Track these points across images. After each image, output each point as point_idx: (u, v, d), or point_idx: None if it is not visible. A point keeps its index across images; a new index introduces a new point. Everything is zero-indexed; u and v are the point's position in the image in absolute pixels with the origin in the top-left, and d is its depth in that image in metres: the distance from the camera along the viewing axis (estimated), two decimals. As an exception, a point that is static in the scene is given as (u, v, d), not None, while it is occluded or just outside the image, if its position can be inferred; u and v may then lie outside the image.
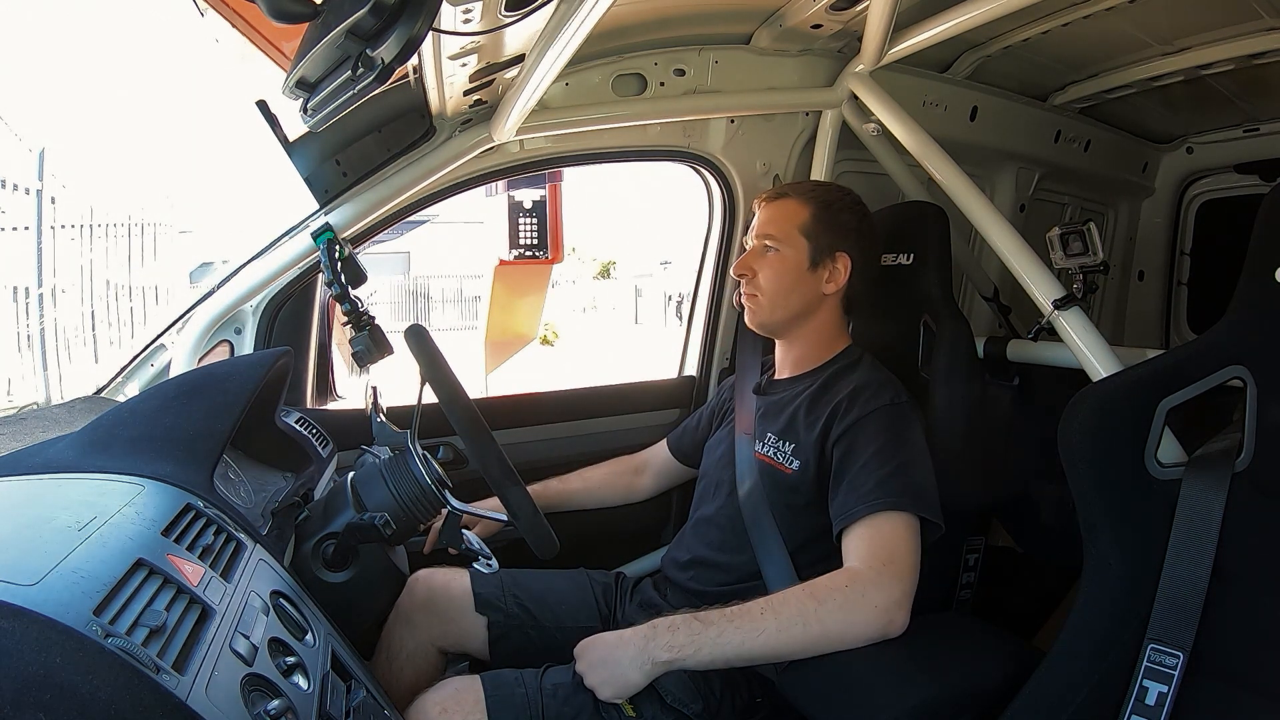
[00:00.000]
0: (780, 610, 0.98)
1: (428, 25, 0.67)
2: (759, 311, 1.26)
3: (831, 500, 1.10)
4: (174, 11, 1.01)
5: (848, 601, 0.97)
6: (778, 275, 1.23)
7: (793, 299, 1.23)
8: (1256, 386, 0.86)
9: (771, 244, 1.24)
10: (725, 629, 0.98)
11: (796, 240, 1.23)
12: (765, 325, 1.27)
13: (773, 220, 1.26)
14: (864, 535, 1.04)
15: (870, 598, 0.97)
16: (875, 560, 1.01)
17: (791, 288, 1.23)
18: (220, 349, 1.39)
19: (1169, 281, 2.37)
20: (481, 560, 1.07)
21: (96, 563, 0.57)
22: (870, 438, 1.10)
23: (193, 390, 0.92)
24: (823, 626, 0.97)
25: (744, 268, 1.26)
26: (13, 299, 4.19)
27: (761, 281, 1.24)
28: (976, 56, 1.69)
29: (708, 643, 0.98)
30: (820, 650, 0.98)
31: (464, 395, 1.02)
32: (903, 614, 0.98)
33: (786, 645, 0.98)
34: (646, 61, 1.47)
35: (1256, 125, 1.97)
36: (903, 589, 0.99)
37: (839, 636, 0.97)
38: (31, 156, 4.34)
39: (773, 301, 1.24)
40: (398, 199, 1.37)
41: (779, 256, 1.24)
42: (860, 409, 1.12)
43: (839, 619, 0.97)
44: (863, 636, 0.97)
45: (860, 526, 1.04)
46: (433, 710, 1.01)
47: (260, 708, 0.56)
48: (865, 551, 1.02)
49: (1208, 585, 0.84)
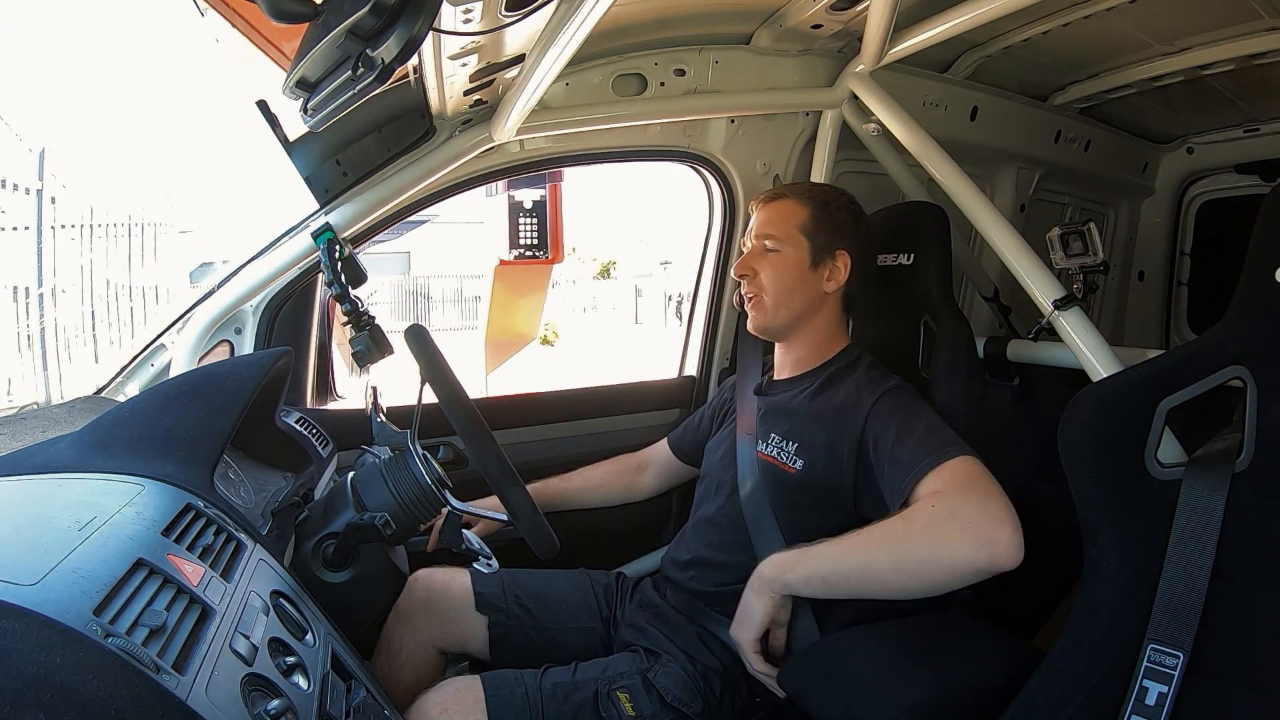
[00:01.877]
0: (872, 532, 0.98)
1: (428, 25, 0.67)
2: (763, 313, 1.25)
3: (883, 487, 1.07)
4: (174, 11, 1.01)
5: (935, 521, 0.93)
6: (780, 275, 1.23)
7: (795, 298, 1.24)
8: (1256, 387, 0.86)
9: (772, 244, 1.24)
10: (824, 548, 1.01)
11: (797, 239, 1.23)
12: (769, 328, 1.27)
13: (772, 220, 1.26)
14: (929, 484, 0.99)
15: (961, 514, 0.92)
16: (955, 485, 0.96)
17: (794, 287, 1.23)
18: (220, 349, 1.39)
19: (1169, 281, 2.37)
20: (481, 560, 1.07)
21: (96, 563, 0.57)
22: (886, 421, 1.09)
23: (193, 390, 0.92)
24: (914, 545, 0.94)
25: (745, 268, 1.26)
26: (13, 299, 4.19)
27: (764, 281, 1.24)
28: (977, 56, 1.69)
29: (807, 558, 1.01)
30: (924, 577, 0.94)
31: (464, 395, 1.02)
32: (1007, 531, 0.90)
33: (880, 564, 0.96)
34: (646, 61, 1.48)
35: (1256, 125, 1.97)
36: (997, 507, 0.92)
37: (933, 557, 0.92)
38: (31, 156, 4.34)
39: (776, 301, 1.24)
40: (398, 199, 1.37)
41: (780, 256, 1.24)
42: (867, 403, 1.12)
43: (930, 538, 0.93)
44: (966, 559, 0.91)
45: (920, 487, 1.00)
46: (433, 710, 1.01)
47: (260, 708, 0.56)
48: (939, 483, 0.97)
49: (1208, 585, 0.84)
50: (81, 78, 13.93)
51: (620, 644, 1.25)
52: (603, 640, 1.28)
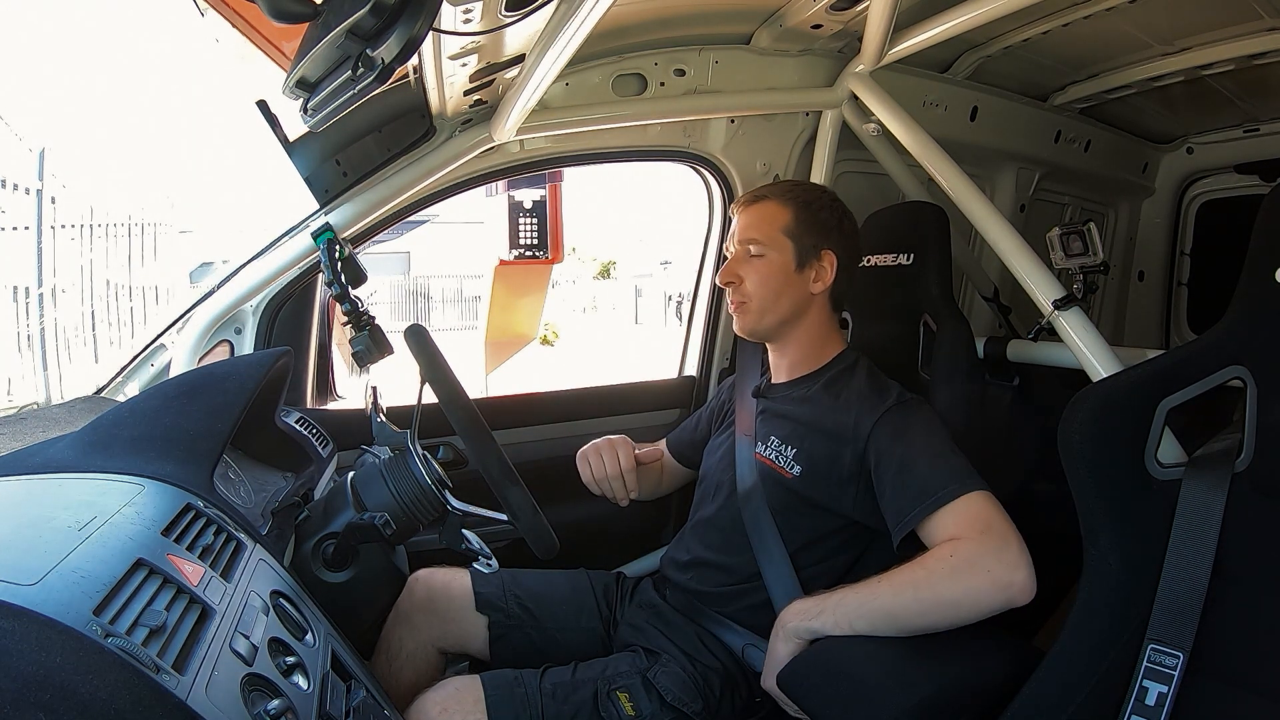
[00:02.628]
0: (894, 578, 0.98)
1: (428, 25, 0.67)
2: (749, 318, 1.24)
3: (884, 506, 1.08)
4: (174, 11, 1.01)
5: (955, 569, 0.95)
6: (765, 279, 1.22)
7: (782, 302, 1.22)
8: (1256, 387, 0.86)
9: (756, 249, 1.23)
10: (846, 596, 1.00)
11: (781, 242, 1.22)
12: (756, 332, 1.26)
13: (754, 224, 1.24)
14: (942, 522, 1.00)
15: (979, 563, 0.94)
16: (972, 529, 0.97)
17: (780, 291, 1.22)
18: (220, 349, 1.39)
19: (1169, 281, 2.37)
20: (481, 560, 1.07)
21: (96, 563, 0.57)
22: (890, 444, 1.08)
23: (193, 390, 0.92)
24: (934, 592, 0.95)
25: (730, 275, 1.24)
26: (13, 299, 4.18)
27: (749, 287, 1.22)
28: (976, 56, 1.69)
29: (831, 605, 1.00)
30: (948, 619, 0.96)
31: (464, 395, 1.02)
32: (1022, 575, 0.93)
33: (903, 611, 0.97)
34: (646, 61, 1.47)
35: (1256, 125, 1.97)
36: (1014, 552, 0.94)
37: (956, 602, 0.94)
38: (31, 156, 4.33)
39: (762, 306, 1.22)
40: (398, 199, 1.37)
41: (765, 261, 1.22)
42: (868, 422, 1.11)
43: (950, 585, 0.94)
44: (983, 603, 0.94)
45: (931, 523, 1.01)
46: (433, 710, 1.01)
47: (260, 707, 0.56)
48: (955, 527, 0.99)
49: (1207, 585, 0.84)
50: (81, 78, 13.95)
51: (620, 644, 1.25)
52: (603, 640, 1.28)
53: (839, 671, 0.97)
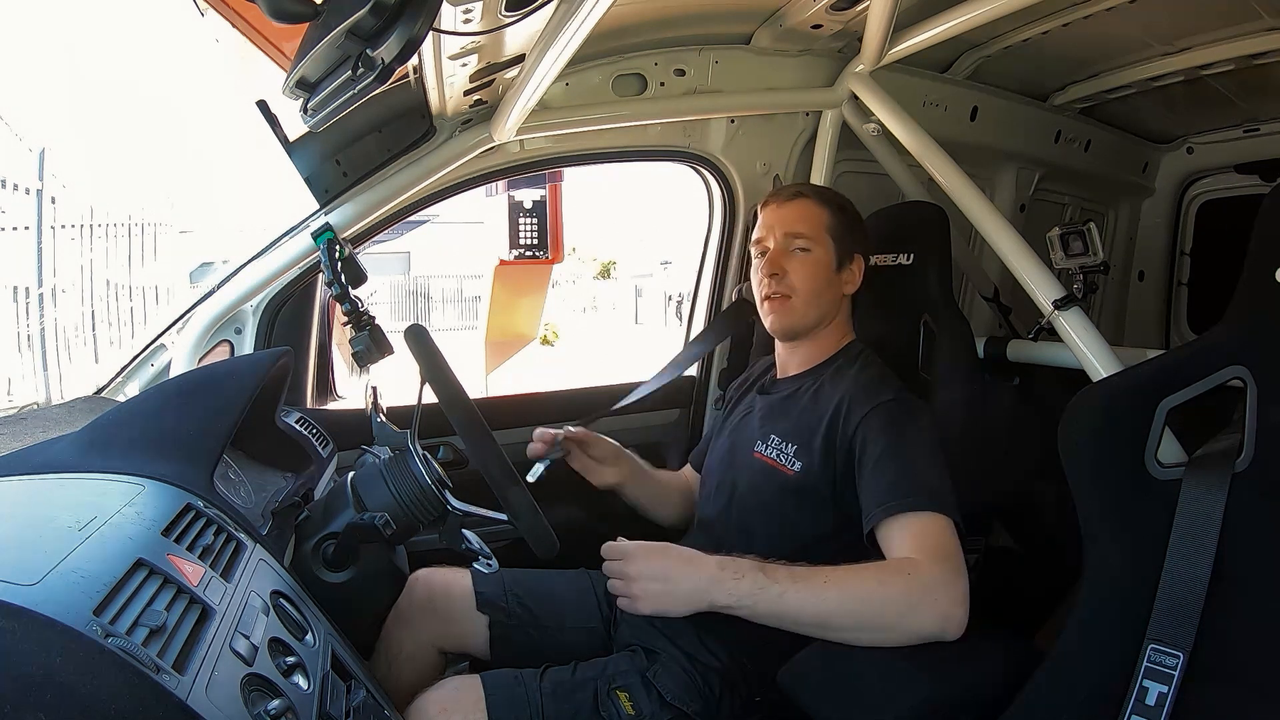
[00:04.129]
0: (844, 584, 0.96)
1: (428, 25, 0.67)
2: (792, 314, 1.22)
3: (862, 499, 1.07)
4: (174, 11, 1.01)
5: (910, 590, 0.94)
6: (812, 274, 1.21)
7: (824, 300, 1.22)
8: (1256, 387, 0.86)
9: (803, 243, 1.21)
10: (788, 589, 0.96)
11: (825, 240, 1.22)
12: (796, 328, 1.24)
13: (799, 219, 1.23)
14: (906, 531, 1.00)
15: (932, 591, 0.94)
16: (932, 554, 0.97)
17: (823, 289, 1.22)
18: (220, 349, 1.39)
19: (1169, 281, 2.37)
20: (481, 560, 1.07)
21: (96, 563, 0.57)
22: (876, 435, 1.08)
23: (193, 390, 0.93)
24: (881, 610, 0.94)
25: (776, 266, 1.22)
26: (13, 299, 4.18)
27: (794, 281, 1.21)
28: (976, 56, 1.69)
29: (767, 600, 0.96)
30: (874, 635, 0.95)
31: (464, 395, 1.01)
32: (961, 611, 0.94)
33: (843, 620, 0.96)
34: (647, 61, 1.48)
35: (1256, 125, 1.97)
36: (960, 588, 0.95)
37: (894, 624, 0.94)
38: (31, 156, 4.34)
39: (807, 302, 1.21)
40: (398, 199, 1.37)
41: (811, 257, 1.21)
42: (860, 410, 1.12)
43: (900, 605, 0.94)
44: (919, 630, 0.94)
45: (895, 524, 1.01)
46: (433, 710, 1.01)
47: (260, 708, 0.56)
48: (914, 545, 0.98)
49: (1208, 586, 0.84)
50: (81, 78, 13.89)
51: (620, 643, 1.25)
52: (603, 640, 1.28)
53: (839, 672, 0.97)
